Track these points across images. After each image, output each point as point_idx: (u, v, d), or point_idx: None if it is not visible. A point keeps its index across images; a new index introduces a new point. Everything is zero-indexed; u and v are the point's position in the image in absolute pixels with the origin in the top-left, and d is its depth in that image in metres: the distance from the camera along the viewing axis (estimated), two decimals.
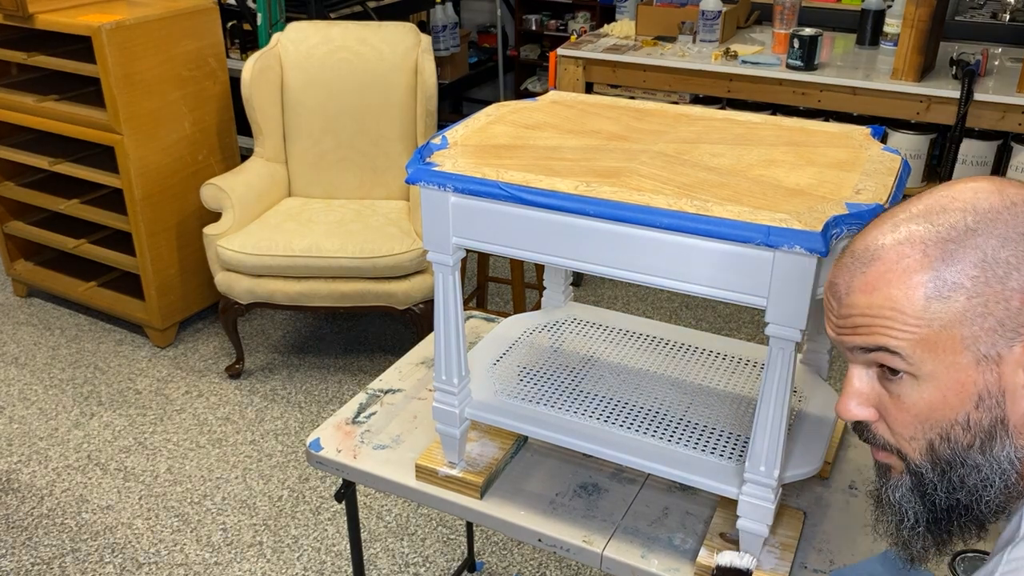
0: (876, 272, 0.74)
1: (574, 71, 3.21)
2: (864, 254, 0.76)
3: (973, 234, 0.71)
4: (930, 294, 0.71)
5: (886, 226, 0.76)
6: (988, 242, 0.70)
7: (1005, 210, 0.71)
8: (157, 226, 3.02)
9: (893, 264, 0.73)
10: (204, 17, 3.02)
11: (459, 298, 1.30)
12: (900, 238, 0.74)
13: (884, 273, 0.74)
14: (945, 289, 0.71)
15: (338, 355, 3.14)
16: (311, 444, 1.52)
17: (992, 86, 2.72)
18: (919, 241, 0.73)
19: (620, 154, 1.24)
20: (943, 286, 0.71)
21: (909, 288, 0.72)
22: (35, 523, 2.40)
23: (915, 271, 0.72)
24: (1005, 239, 0.70)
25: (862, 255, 0.76)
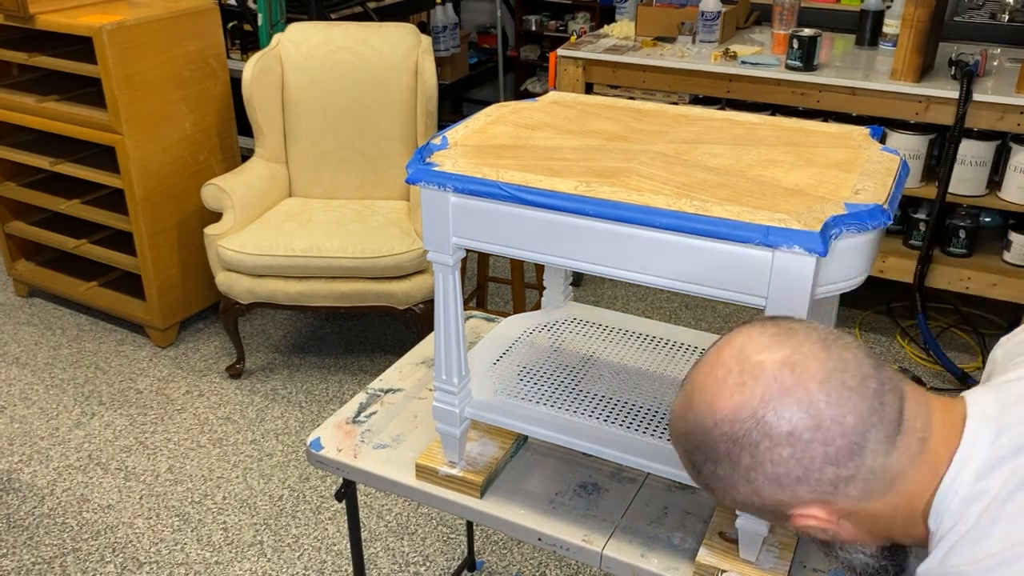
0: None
1: (574, 72, 3.22)
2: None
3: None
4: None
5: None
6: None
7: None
8: (158, 226, 3.03)
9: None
10: (205, 18, 3.03)
11: (459, 298, 1.31)
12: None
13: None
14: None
15: (338, 355, 3.14)
16: (312, 443, 1.52)
17: (991, 86, 2.72)
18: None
19: (620, 154, 1.25)
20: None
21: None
22: (36, 522, 2.41)
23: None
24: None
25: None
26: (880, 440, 0.78)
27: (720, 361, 0.83)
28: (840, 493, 0.80)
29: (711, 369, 0.84)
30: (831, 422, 0.77)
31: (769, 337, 0.82)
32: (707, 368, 0.84)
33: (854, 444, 0.78)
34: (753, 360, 0.81)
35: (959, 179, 2.82)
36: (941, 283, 2.95)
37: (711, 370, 0.84)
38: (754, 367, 0.80)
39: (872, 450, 0.78)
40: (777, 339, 0.82)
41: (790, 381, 0.79)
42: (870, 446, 0.78)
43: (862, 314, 3.35)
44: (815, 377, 0.79)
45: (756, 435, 0.79)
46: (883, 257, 2.99)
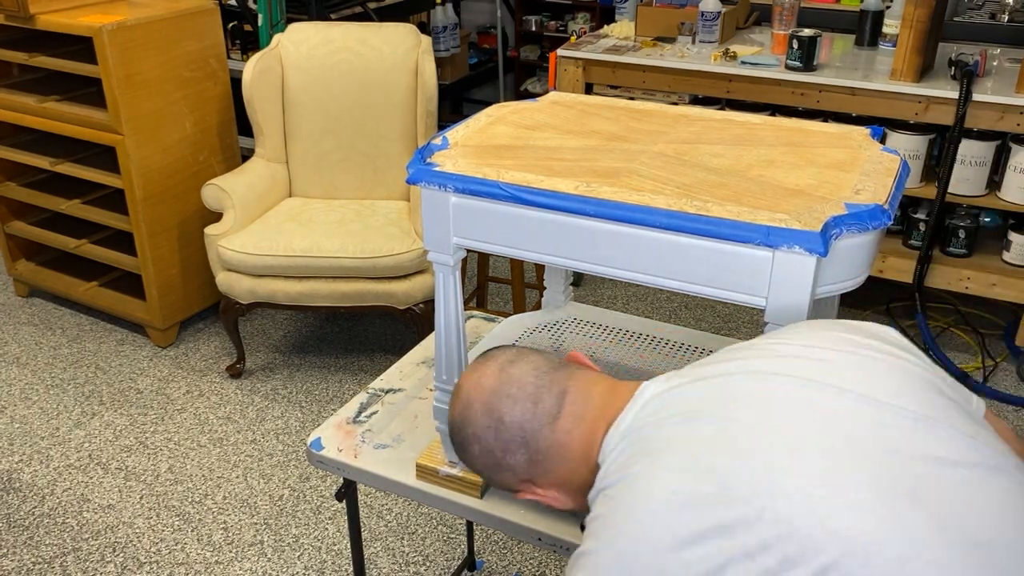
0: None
1: (574, 72, 3.22)
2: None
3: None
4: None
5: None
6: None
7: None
8: (158, 226, 3.03)
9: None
10: (205, 18, 3.03)
11: (459, 298, 1.31)
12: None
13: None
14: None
15: (339, 355, 3.14)
16: (312, 443, 1.52)
17: (991, 86, 2.72)
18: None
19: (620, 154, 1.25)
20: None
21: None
22: (36, 522, 2.41)
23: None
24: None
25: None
26: (539, 428, 1.02)
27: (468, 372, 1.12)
28: (534, 472, 1.04)
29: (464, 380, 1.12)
30: (498, 424, 1.03)
31: (474, 364, 1.10)
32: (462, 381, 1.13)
33: (519, 437, 1.02)
34: (458, 382, 1.10)
35: (959, 179, 2.82)
36: (941, 283, 2.95)
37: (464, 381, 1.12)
38: (456, 388, 1.10)
39: (535, 437, 1.02)
40: (475, 365, 1.09)
41: (471, 397, 1.06)
42: (532, 435, 1.02)
43: (862, 314, 3.35)
44: (485, 391, 1.05)
45: (459, 439, 1.08)
46: (883, 257, 2.99)
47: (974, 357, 3.08)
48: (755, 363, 0.95)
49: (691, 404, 0.92)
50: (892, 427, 0.86)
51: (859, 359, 0.94)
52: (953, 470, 0.83)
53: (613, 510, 0.88)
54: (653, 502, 0.85)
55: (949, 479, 0.82)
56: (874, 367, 0.93)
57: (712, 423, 0.88)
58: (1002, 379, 2.96)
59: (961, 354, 3.09)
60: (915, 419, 0.87)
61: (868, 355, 0.95)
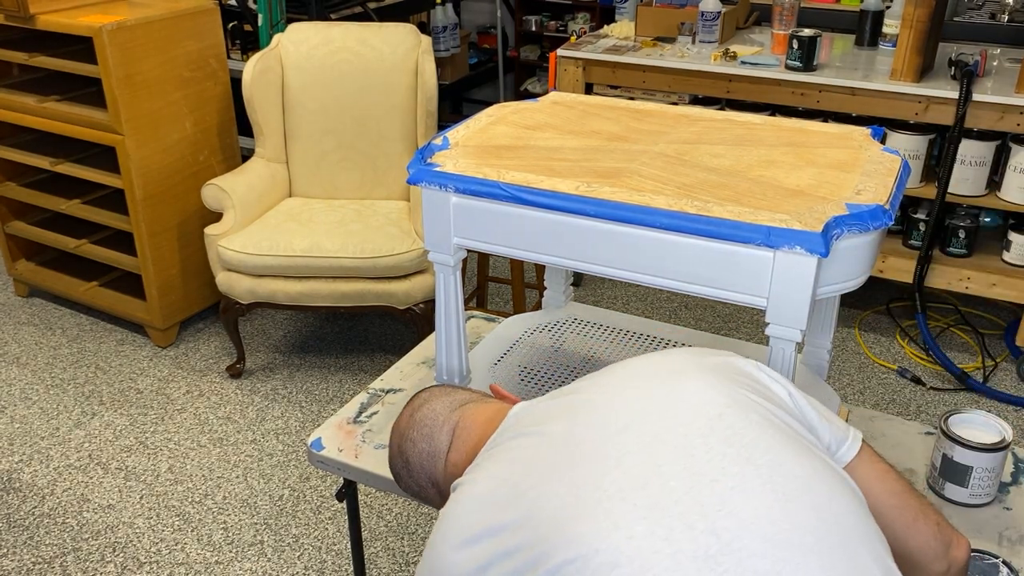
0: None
1: (574, 72, 3.22)
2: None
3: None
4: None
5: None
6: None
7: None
8: (158, 226, 3.03)
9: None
10: (205, 18, 3.03)
11: (460, 298, 1.31)
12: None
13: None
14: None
15: (339, 355, 3.14)
16: (312, 444, 1.52)
17: (991, 86, 2.73)
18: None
19: (620, 155, 1.25)
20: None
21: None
22: (36, 522, 2.41)
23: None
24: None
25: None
26: (435, 465, 1.11)
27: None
28: (445, 497, 1.10)
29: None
30: (407, 464, 1.14)
31: (403, 408, 1.20)
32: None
33: (424, 475, 1.12)
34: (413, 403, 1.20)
35: (959, 179, 2.83)
36: (941, 283, 2.96)
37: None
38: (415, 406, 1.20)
39: (434, 473, 1.11)
40: (403, 408, 1.19)
41: (391, 441, 1.18)
42: (431, 472, 1.11)
43: (862, 314, 3.35)
44: (397, 436, 1.16)
45: (396, 471, 1.19)
46: (883, 257, 2.99)
47: (974, 357, 3.08)
48: (602, 382, 1.02)
49: (528, 422, 1.01)
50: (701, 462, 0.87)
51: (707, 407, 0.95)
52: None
53: (440, 516, 0.98)
54: (460, 506, 0.94)
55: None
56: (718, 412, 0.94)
57: (532, 437, 0.96)
58: (1002, 379, 2.96)
59: (961, 354, 3.09)
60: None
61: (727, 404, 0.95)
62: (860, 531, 0.86)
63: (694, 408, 0.92)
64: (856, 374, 2.99)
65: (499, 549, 0.86)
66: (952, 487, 1.35)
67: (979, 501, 1.35)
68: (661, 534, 0.81)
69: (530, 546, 0.84)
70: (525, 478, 0.91)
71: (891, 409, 2.82)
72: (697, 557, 0.79)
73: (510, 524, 0.87)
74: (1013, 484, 1.40)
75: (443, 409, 1.14)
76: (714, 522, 0.81)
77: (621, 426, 0.92)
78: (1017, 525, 1.32)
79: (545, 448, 0.93)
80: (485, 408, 1.12)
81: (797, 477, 0.87)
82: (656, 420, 0.92)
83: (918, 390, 2.91)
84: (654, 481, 0.85)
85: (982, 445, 1.32)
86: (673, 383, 0.97)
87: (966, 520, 1.32)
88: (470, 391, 1.18)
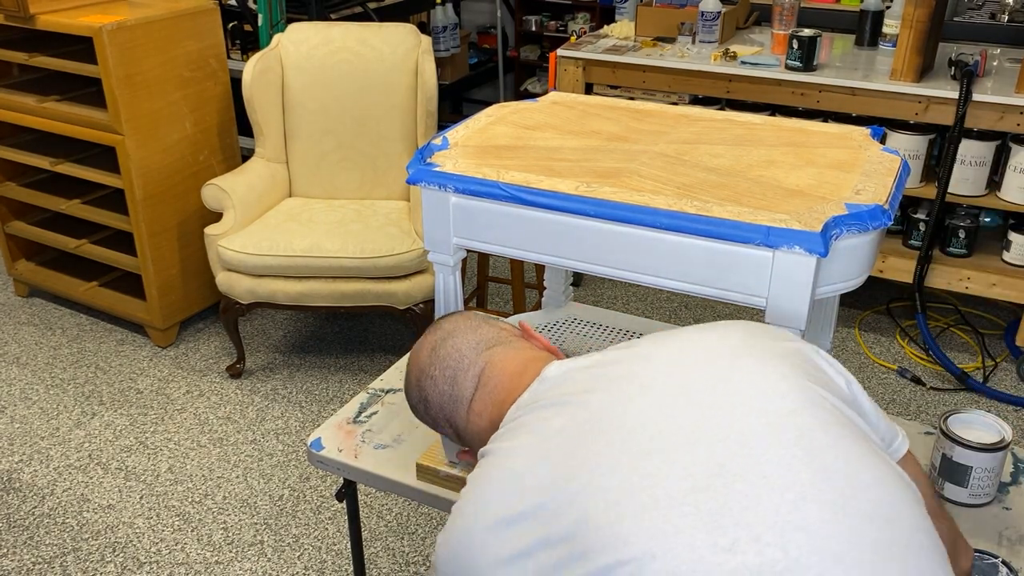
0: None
1: (574, 72, 3.22)
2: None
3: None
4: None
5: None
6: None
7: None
8: (158, 226, 3.03)
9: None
10: (205, 18, 3.03)
11: (460, 298, 1.31)
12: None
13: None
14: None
15: (339, 355, 3.14)
16: (312, 444, 1.52)
17: (991, 86, 2.72)
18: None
19: (620, 155, 1.25)
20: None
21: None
22: (36, 522, 2.41)
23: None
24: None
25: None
26: (456, 410, 1.08)
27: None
28: (464, 443, 1.12)
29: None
30: (425, 402, 1.11)
31: (425, 333, 1.15)
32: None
33: (442, 416, 1.10)
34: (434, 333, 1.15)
35: (959, 179, 2.83)
36: (941, 283, 2.96)
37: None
38: (410, 352, 1.18)
39: (454, 417, 1.08)
40: (425, 334, 1.15)
41: (410, 371, 1.15)
42: (451, 415, 1.08)
43: (862, 314, 3.35)
44: (417, 368, 1.13)
45: (408, 402, 1.17)
46: (883, 257, 2.99)
47: (974, 357, 3.08)
48: (645, 352, 0.95)
49: (565, 390, 0.94)
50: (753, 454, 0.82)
51: (768, 376, 0.89)
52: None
53: (470, 483, 0.93)
54: (494, 481, 0.89)
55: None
56: (780, 395, 0.87)
57: (572, 409, 0.90)
58: (1002, 379, 2.96)
59: (961, 354, 3.09)
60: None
61: (777, 375, 0.89)
62: (932, 550, 0.81)
63: (763, 402, 0.85)
64: (856, 374, 2.99)
65: (539, 536, 0.81)
66: (952, 487, 1.35)
67: (979, 501, 1.35)
68: (724, 544, 0.75)
69: (576, 538, 0.79)
70: (568, 459, 0.84)
71: (891, 409, 2.82)
72: (762, 572, 0.74)
73: (552, 510, 0.82)
74: (1013, 484, 1.40)
75: (468, 349, 1.08)
76: (783, 535, 0.75)
77: (678, 413, 0.85)
78: (1017, 525, 1.32)
79: (589, 427, 0.86)
80: (514, 356, 1.06)
81: (869, 487, 0.81)
82: (720, 411, 0.85)
83: (918, 390, 2.91)
84: (717, 483, 0.79)
85: (982, 445, 1.32)
86: (738, 369, 0.89)
87: (966, 520, 1.32)
88: (497, 327, 1.13)
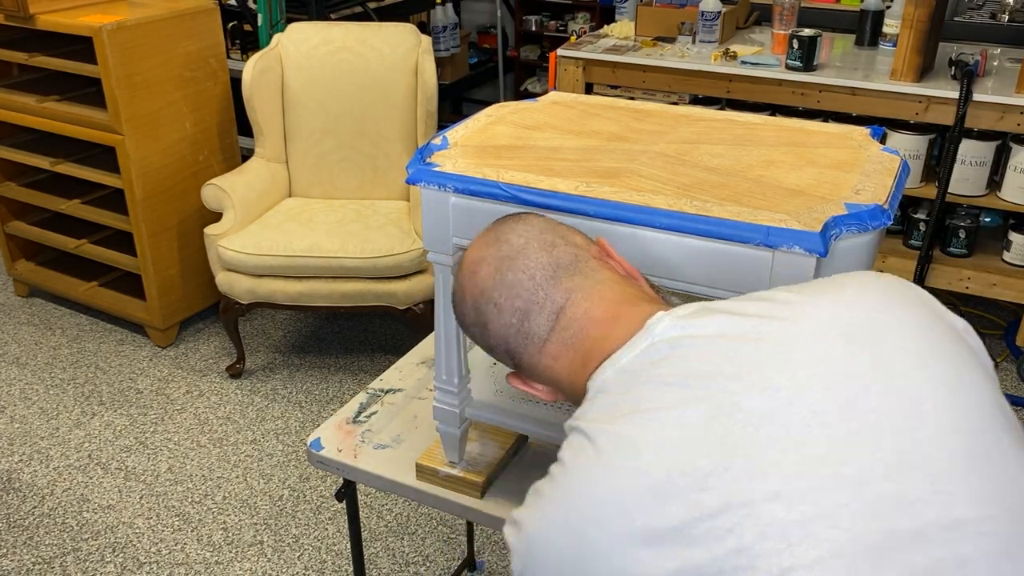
0: None
1: (574, 72, 3.22)
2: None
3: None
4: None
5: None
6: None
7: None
8: (158, 226, 3.03)
9: None
10: (205, 18, 3.03)
11: None
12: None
13: None
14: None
15: (339, 355, 3.14)
16: (312, 444, 1.52)
17: (991, 86, 2.72)
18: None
19: (620, 155, 1.25)
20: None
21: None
22: (36, 522, 2.41)
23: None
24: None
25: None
26: (523, 347, 0.94)
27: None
28: (521, 373, 0.99)
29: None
30: (483, 328, 0.97)
31: (480, 241, 1.01)
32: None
33: (502, 347, 0.96)
34: (465, 252, 1.03)
35: (959, 179, 2.82)
36: (941, 283, 2.95)
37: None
38: (460, 259, 1.03)
39: (518, 353, 0.95)
40: (480, 243, 1.01)
41: (463, 286, 1.00)
42: (515, 351, 0.95)
43: None
44: (476, 289, 0.98)
45: (455, 313, 1.03)
46: (883, 257, 2.99)
47: None
48: (791, 331, 0.79)
49: (696, 369, 0.79)
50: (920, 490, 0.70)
51: (930, 368, 0.76)
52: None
53: (575, 468, 0.79)
54: (617, 479, 0.75)
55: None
56: (942, 385, 0.75)
57: (709, 406, 0.75)
58: (1002, 379, 2.96)
59: None
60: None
61: (943, 365, 0.77)
62: None
63: (946, 416, 0.73)
64: None
65: (692, 564, 0.71)
66: None
67: None
68: None
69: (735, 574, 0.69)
70: (723, 474, 0.72)
71: None
72: None
73: (703, 535, 0.71)
74: None
75: (543, 278, 0.93)
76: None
77: (848, 416, 0.73)
78: None
79: (745, 436, 0.73)
80: (601, 295, 0.92)
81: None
82: (896, 422, 0.72)
83: None
84: (903, 524, 0.68)
85: None
86: (912, 365, 0.75)
87: None
88: (573, 244, 0.98)
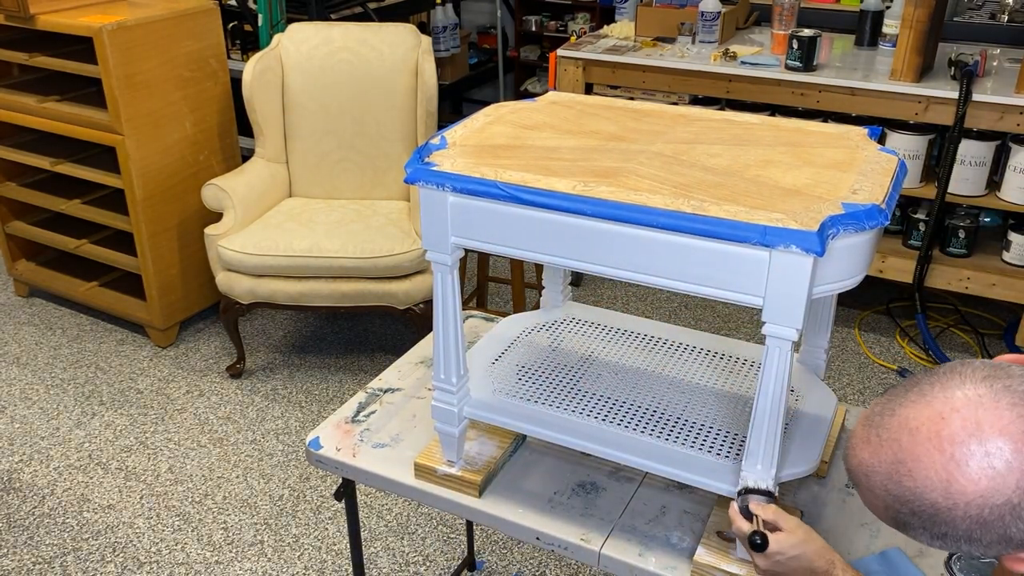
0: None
1: (574, 72, 3.22)
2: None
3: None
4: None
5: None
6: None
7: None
8: (158, 226, 3.03)
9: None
10: (205, 18, 3.03)
11: (458, 297, 1.31)
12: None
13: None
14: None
15: (338, 355, 3.14)
16: (311, 443, 1.52)
17: (990, 87, 2.72)
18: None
19: (618, 154, 1.25)
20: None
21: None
22: (36, 522, 2.41)
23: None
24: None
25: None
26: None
27: (950, 433, 0.76)
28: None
29: (936, 439, 0.77)
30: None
31: (1005, 406, 0.76)
32: (928, 435, 0.77)
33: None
34: (996, 441, 0.75)
35: (959, 179, 2.82)
36: (940, 283, 2.95)
37: (937, 441, 0.77)
38: (999, 449, 0.75)
39: (977, 551, 0.79)
40: (1012, 406, 0.76)
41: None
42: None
43: (861, 314, 3.35)
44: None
45: (1009, 519, 0.76)
46: (882, 257, 2.99)
47: (974, 357, 3.08)
48: None
49: None
50: None
51: None
52: None
53: None
54: None
55: None
56: None
57: None
58: None
59: (961, 354, 3.09)
60: None
61: None
62: None
63: None
64: (856, 374, 2.99)
65: None
66: None
67: None
68: None
69: None
70: None
71: None
72: None
73: None
74: None
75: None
76: None
77: None
78: None
79: None
80: None
81: None
82: None
83: None
84: None
85: None
86: None
87: None
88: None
